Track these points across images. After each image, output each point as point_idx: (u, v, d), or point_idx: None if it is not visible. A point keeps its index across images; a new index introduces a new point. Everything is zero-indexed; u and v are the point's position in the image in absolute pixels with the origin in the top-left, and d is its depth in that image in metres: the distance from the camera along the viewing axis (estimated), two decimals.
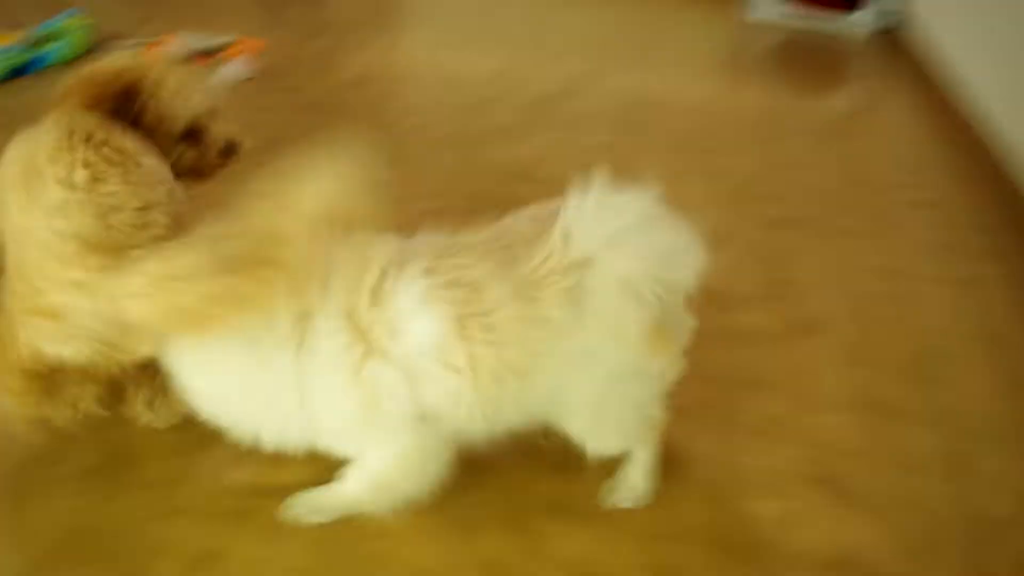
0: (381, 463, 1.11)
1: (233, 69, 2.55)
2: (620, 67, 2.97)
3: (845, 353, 1.62)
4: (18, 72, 2.44)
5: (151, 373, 1.15)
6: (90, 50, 2.63)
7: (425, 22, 3.34)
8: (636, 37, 3.36)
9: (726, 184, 2.21)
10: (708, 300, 1.68)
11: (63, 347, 1.06)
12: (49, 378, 1.12)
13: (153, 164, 1.14)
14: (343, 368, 1.02)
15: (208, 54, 2.66)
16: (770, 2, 3.58)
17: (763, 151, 2.42)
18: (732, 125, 2.58)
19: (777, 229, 2.01)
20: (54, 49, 2.53)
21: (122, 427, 1.21)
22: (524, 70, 2.85)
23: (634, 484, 1.26)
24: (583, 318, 1.05)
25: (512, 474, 1.26)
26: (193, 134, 1.26)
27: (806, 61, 3.31)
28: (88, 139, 1.09)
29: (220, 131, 1.29)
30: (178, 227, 1.10)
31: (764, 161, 2.35)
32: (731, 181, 2.22)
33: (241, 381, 1.05)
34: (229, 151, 1.30)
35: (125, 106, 1.19)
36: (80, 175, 1.06)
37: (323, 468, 1.16)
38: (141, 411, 1.23)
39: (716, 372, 1.54)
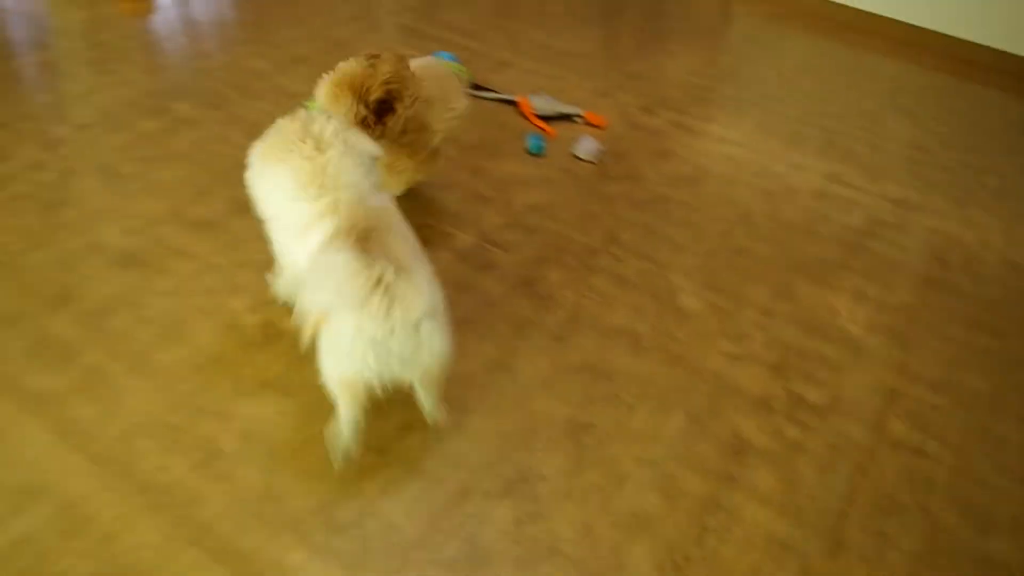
0: None
1: (586, 146, 2.90)
2: (939, 198, 3.03)
3: None
4: None
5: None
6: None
7: (756, 106, 3.49)
8: (961, 152, 3.36)
9: (1005, 385, 2.31)
10: (964, 515, 1.90)
11: None
12: None
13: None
14: None
15: (554, 119, 3.04)
16: None
17: None
18: None
19: None
20: None
21: None
22: (845, 189, 3.00)
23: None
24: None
25: None
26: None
27: None
28: None
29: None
30: None
31: None
32: (1009, 381, 2.32)
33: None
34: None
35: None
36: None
37: None
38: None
39: None
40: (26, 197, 2.43)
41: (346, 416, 1.74)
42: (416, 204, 2.60)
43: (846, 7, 4.36)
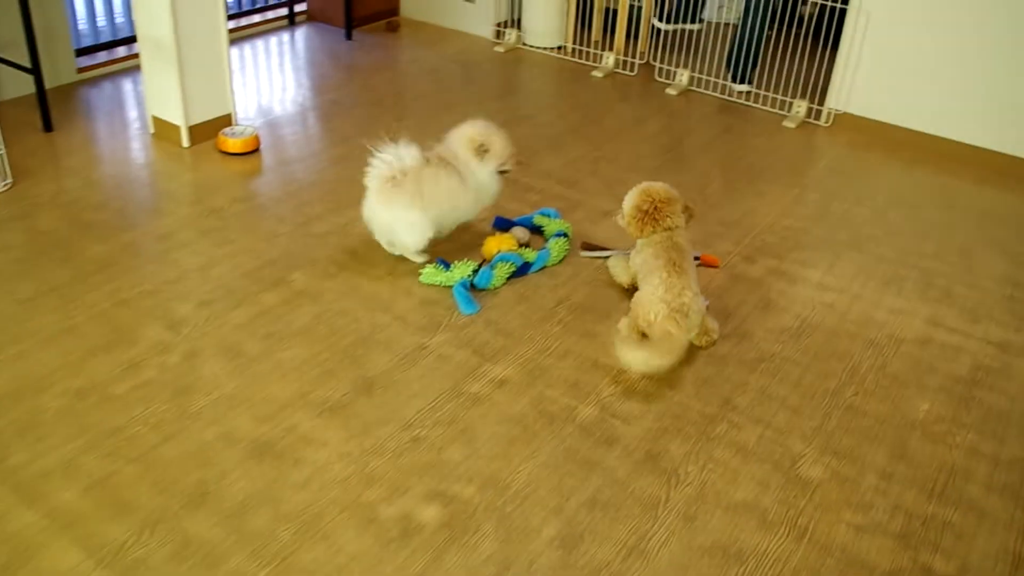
0: None
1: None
2: None
3: None
4: (516, 275, 3.06)
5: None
6: (568, 254, 3.19)
7: (851, 247, 3.48)
8: None
9: None
10: None
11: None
12: None
13: None
14: None
15: None
16: None
17: None
18: None
19: None
20: (542, 256, 3.09)
21: None
22: (948, 334, 2.99)
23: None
24: None
25: None
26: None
27: None
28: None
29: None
30: None
31: None
32: None
33: None
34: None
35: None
36: None
37: None
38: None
39: None
40: (155, 384, 2.51)
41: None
42: (533, 374, 2.64)
43: (929, 135, 4.39)
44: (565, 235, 3.23)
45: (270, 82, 4.78)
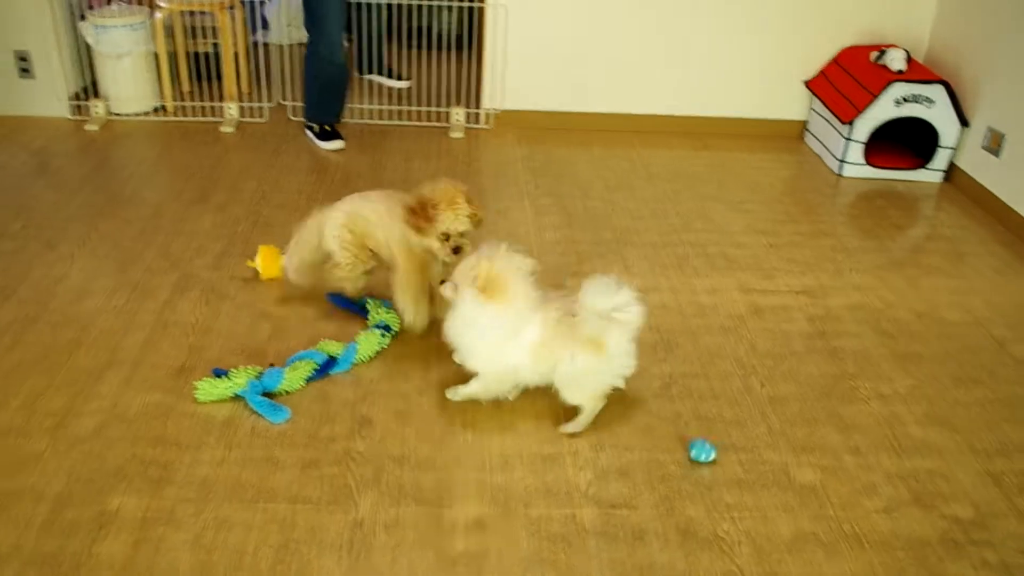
0: None
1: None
2: (824, 275, 3.16)
3: None
4: (321, 372, 2.43)
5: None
6: (380, 351, 2.58)
7: (621, 243, 3.33)
8: (791, 224, 3.53)
9: None
10: None
11: None
12: None
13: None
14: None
15: None
16: None
17: None
18: None
19: None
20: (349, 351, 2.48)
21: None
22: (763, 297, 3.01)
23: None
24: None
25: None
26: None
27: None
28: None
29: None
30: None
31: None
32: None
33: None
34: (457, 252, 2.43)
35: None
36: None
37: None
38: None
39: None
40: None
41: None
42: (498, 501, 2.08)
43: (591, 114, 4.45)
44: (389, 329, 2.60)
45: None
